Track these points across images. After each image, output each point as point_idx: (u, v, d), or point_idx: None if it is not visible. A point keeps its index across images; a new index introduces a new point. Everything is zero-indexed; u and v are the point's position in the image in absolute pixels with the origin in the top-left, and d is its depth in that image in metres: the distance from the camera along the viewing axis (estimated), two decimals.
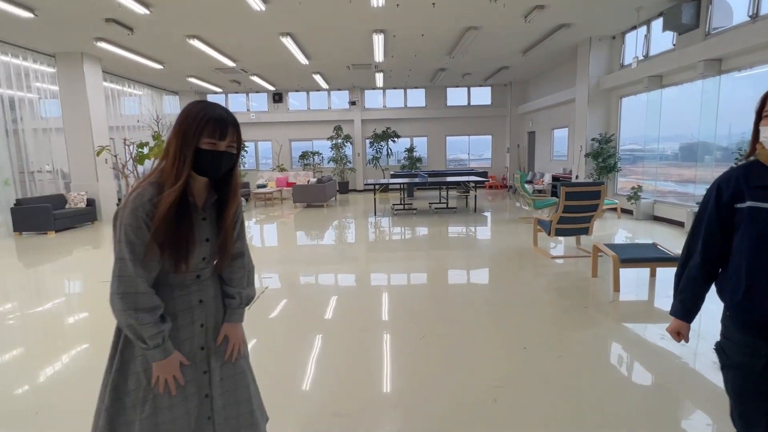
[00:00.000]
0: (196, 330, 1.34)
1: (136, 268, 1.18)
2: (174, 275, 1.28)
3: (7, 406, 2.43)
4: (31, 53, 8.69)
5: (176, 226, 1.21)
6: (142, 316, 1.18)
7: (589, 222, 5.35)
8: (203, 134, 1.19)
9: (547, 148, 13.21)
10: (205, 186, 1.31)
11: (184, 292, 1.31)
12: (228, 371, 1.40)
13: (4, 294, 4.66)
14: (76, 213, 8.71)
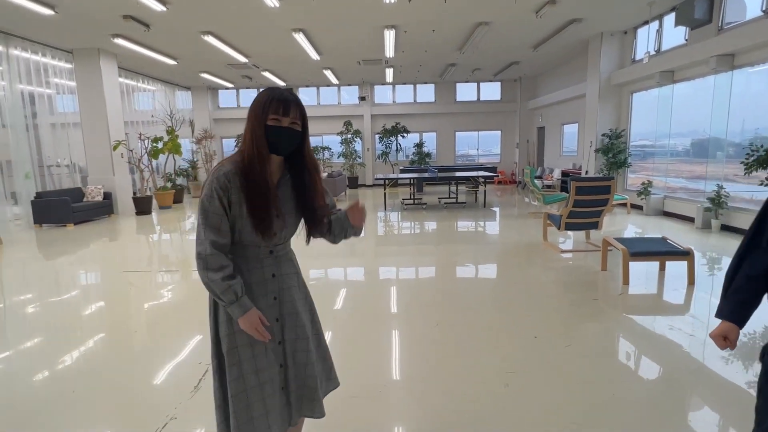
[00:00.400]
0: (270, 302, 1.45)
1: (206, 232, 1.32)
2: (251, 249, 1.41)
3: (47, 387, 2.59)
4: (49, 49, 8.87)
5: (254, 200, 1.33)
6: (211, 274, 1.31)
7: (599, 217, 5.40)
8: (269, 112, 1.33)
9: (557, 143, 13.20)
10: (279, 165, 1.44)
11: (258, 266, 1.42)
12: (301, 345, 1.48)
13: (27, 284, 4.85)
14: (94, 206, 8.92)
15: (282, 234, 1.44)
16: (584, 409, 2.19)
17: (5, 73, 8.07)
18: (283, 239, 1.46)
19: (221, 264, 1.33)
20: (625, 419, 2.11)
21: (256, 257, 1.42)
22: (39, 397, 2.45)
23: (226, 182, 1.33)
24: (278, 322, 1.46)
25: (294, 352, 1.48)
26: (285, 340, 1.48)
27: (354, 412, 2.23)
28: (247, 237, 1.38)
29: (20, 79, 8.38)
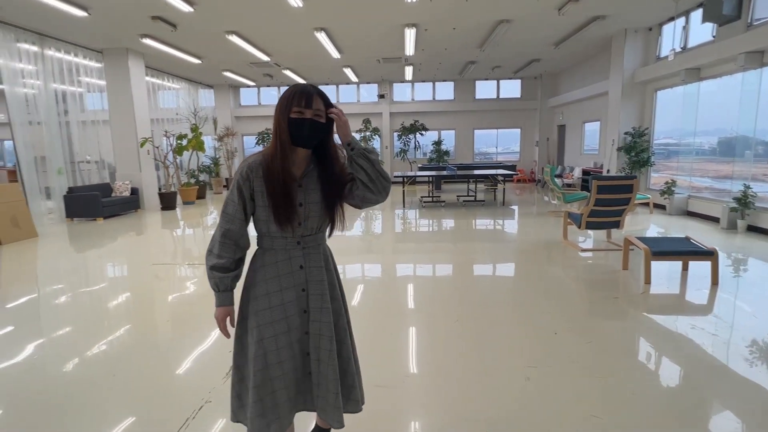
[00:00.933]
0: (298, 293, 1.49)
1: (222, 219, 1.43)
2: (279, 240, 1.46)
3: (87, 370, 2.74)
4: (81, 50, 9.19)
5: (277, 190, 1.39)
6: (207, 259, 1.44)
7: (621, 216, 5.36)
8: (292, 105, 1.38)
9: (578, 141, 13.05)
10: (305, 157, 1.47)
11: (286, 257, 1.47)
12: (324, 343, 1.50)
13: (62, 276, 5.08)
14: (122, 201, 9.22)
15: (307, 224, 1.46)
16: (603, 404, 2.23)
17: (40, 73, 8.40)
18: (309, 230, 1.48)
19: (221, 253, 1.42)
20: (643, 415, 2.14)
21: (284, 248, 1.47)
22: (85, 378, 2.60)
23: (249, 173, 1.40)
24: (305, 314, 1.51)
25: (318, 347, 1.51)
26: (310, 333, 1.51)
27: (378, 400, 2.32)
28: (273, 227, 1.43)
29: (53, 78, 8.71)
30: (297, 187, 1.44)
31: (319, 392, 1.53)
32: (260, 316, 1.44)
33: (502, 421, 2.11)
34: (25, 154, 8.09)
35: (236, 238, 1.43)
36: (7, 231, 6.66)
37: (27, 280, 4.86)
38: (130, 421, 2.17)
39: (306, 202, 1.44)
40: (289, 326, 1.47)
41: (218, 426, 2.11)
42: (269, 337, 1.44)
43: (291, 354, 1.47)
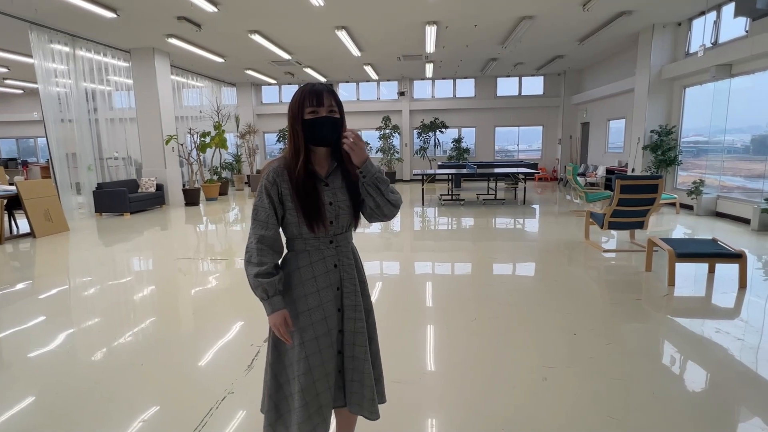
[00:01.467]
0: (334, 292, 1.49)
1: (254, 227, 1.42)
2: (311, 241, 1.45)
3: (115, 359, 2.86)
4: (110, 50, 9.48)
5: (303, 192, 1.39)
6: (249, 269, 1.41)
7: (645, 216, 5.25)
8: (305, 106, 1.37)
9: (602, 139, 12.78)
10: (326, 156, 1.46)
11: (320, 258, 1.46)
12: (359, 339, 1.52)
13: (92, 268, 5.27)
14: (148, 197, 9.48)
15: (338, 222, 1.46)
16: (622, 405, 2.21)
17: (71, 72, 8.70)
18: (341, 228, 1.48)
19: (261, 260, 1.40)
20: (663, 418, 2.11)
21: (317, 248, 1.46)
22: (113, 367, 2.71)
23: (275, 177, 1.40)
24: (339, 312, 1.51)
25: (353, 344, 1.52)
26: (344, 330, 1.52)
27: (395, 396, 2.34)
28: (305, 229, 1.42)
29: (84, 77, 9.01)
30: (324, 186, 1.44)
31: (353, 388, 1.53)
32: (300, 319, 1.44)
33: (518, 419, 2.11)
34: (57, 151, 8.41)
35: (271, 243, 1.42)
36: (41, 225, 6.94)
37: (59, 273, 5.06)
38: (155, 410, 2.25)
39: (335, 200, 1.44)
40: (329, 326, 1.47)
41: (240, 416, 2.17)
42: (310, 339, 1.44)
43: (332, 354, 1.48)
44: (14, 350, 3.02)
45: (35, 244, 6.41)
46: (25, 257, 5.79)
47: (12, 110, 17.18)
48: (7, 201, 6.81)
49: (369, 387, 1.52)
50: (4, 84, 14.28)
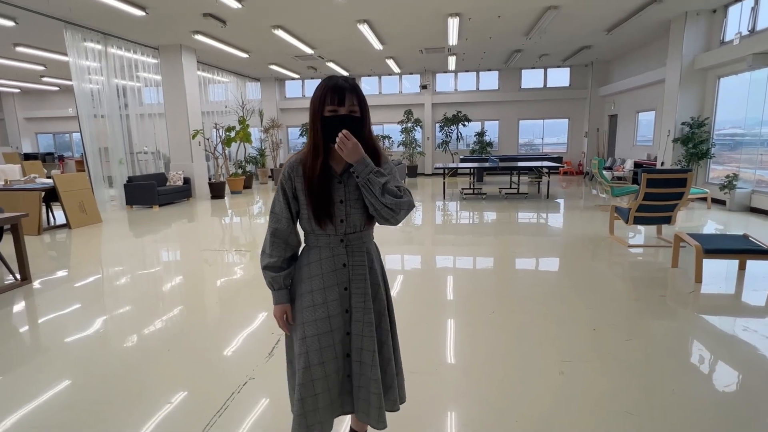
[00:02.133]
0: (341, 292, 1.47)
1: (270, 220, 1.47)
2: (323, 238, 1.44)
3: (148, 344, 2.99)
4: (139, 47, 9.76)
5: (314, 188, 1.39)
6: (262, 260, 1.48)
7: (673, 211, 5.10)
8: (325, 103, 1.35)
9: (630, 132, 12.42)
10: None
11: (329, 255, 1.45)
12: (367, 344, 1.48)
13: (123, 259, 5.48)
14: (175, 190, 9.77)
15: (350, 221, 1.43)
16: (640, 401, 2.18)
17: (103, 69, 9.01)
18: (353, 227, 1.44)
19: (272, 252, 1.46)
20: (684, 415, 2.08)
21: (328, 245, 1.45)
22: (143, 351, 2.85)
23: (290, 172, 1.41)
24: (347, 313, 1.48)
25: (360, 348, 1.48)
26: (352, 333, 1.49)
27: (411, 386, 2.38)
28: (316, 225, 1.42)
29: (115, 74, 9.32)
30: (337, 183, 1.42)
31: (360, 394, 1.51)
32: (304, 314, 1.45)
33: (533, 412, 2.12)
34: (91, 146, 8.75)
35: (285, 236, 1.45)
36: (76, 216, 7.25)
37: (93, 262, 5.29)
38: (181, 393, 2.36)
39: (347, 199, 1.41)
40: (332, 326, 1.45)
41: (261, 401, 2.25)
42: (312, 335, 1.43)
43: (333, 355, 1.46)
44: (52, 335, 3.19)
45: (71, 235, 6.70)
46: (62, 247, 6.07)
47: (49, 107, 17.91)
48: (45, 193, 7.14)
49: (376, 395, 1.47)
50: (42, 81, 14.89)
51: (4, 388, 2.46)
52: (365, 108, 1.39)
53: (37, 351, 2.95)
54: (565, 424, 2.02)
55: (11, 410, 2.23)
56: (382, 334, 1.54)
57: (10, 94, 17.80)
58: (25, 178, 8.23)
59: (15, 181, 8.07)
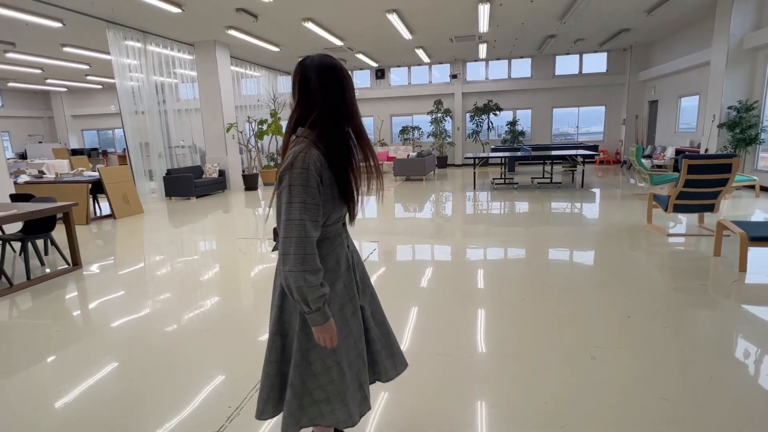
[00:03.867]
0: (352, 273, 1.49)
1: (304, 229, 1.21)
2: (332, 227, 1.38)
3: (188, 325, 3.15)
4: (176, 44, 10.09)
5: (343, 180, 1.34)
6: (310, 278, 1.20)
7: (716, 198, 4.88)
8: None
9: (672, 118, 11.87)
10: None
11: (339, 242, 1.42)
12: (374, 305, 1.60)
13: (163, 248, 5.74)
14: (211, 182, 10.10)
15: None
16: (675, 387, 2.13)
17: (143, 66, 9.38)
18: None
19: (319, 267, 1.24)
20: (722, 402, 2.01)
21: (338, 233, 1.42)
22: (185, 331, 3.00)
23: (319, 164, 1.25)
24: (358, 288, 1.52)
25: (372, 314, 1.58)
26: (363, 306, 1.55)
27: (440, 366, 2.42)
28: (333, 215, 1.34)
29: (154, 71, 9.68)
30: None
31: (382, 354, 1.59)
32: (331, 307, 1.39)
33: (563, 394, 2.11)
34: (132, 140, 9.15)
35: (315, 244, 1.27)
36: (121, 207, 7.63)
37: (137, 250, 5.57)
38: (221, 379, 2.48)
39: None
40: (354, 307, 1.47)
41: None
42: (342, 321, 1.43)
43: (361, 332, 1.51)
44: (101, 317, 3.40)
45: (115, 225, 7.07)
46: (108, 236, 6.41)
47: (93, 104, 18.80)
48: (91, 186, 7.53)
49: (395, 343, 1.65)
50: (86, 80, 15.64)
51: (61, 363, 2.66)
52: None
53: (88, 330, 3.15)
54: (596, 407, 2.01)
55: (67, 383, 2.41)
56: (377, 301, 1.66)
57: (59, 93, 18.78)
58: (73, 171, 8.72)
59: (64, 174, 8.56)
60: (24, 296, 3.87)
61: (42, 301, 3.73)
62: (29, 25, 8.25)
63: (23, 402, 2.25)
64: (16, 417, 2.12)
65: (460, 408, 2.06)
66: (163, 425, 2.00)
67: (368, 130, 17.04)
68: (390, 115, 16.41)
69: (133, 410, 2.14)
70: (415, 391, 2.19)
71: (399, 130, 16.17)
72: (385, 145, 15.24)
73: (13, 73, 13.70)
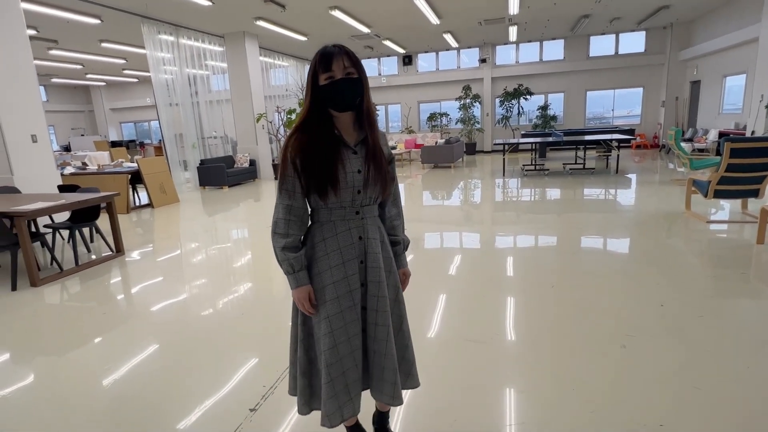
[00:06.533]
0: (357, 266, 1.41)
1: (281, 196, 1.36)
2: (337, 211, 1.38)
3: (224, 310, 3.29)
4: (207, 36, 10.30)
5: (320, 159, 1.31)
6: (275, 240, 1.36)
7: (761, 183, 4.64)
8: (319, 72, 1.29)
9: (716, 99, 11.27)
10: (352, 123, 1.39)
11: (345, 229, 1.39)
12: (382, 319, 1.43)
13: (198, 235, 5.96)
14: (242, 171, 10.35)
15: (367, 193, 1.38)
16: (711, 377, 2.08)
17: (176, 59, 9.64)
18: (368, 199, 1.40)
19: (288, 231, 1.35)
20: (756, 391, 1.96)
21: (343, 218, 1.39)
22: (221, 314, 3.14)
23: (297, 145, 1.32)
24: (363, 287, 1.44)
25: (375, 324, 1.43)
26: (367, 308, 1.45)
27: (468, 353, 2.44)
28: (332, 198, 1.34)
29: (186, 64, 9.94)
30: (352, 154, 1.37)
31: (374, 371, 1.47)
32: (325, 292, 1.39)
33: (591, 380, 2.10)
34: (167, 132, 9.47)
35: (300, 213, 1.37)
36: (158, 197, 7.95)
37: (174, 239, 5.81)
38: (254, 362, 2.59)
39: (364, 169, 1.37)
40: (354, 300, 1.41)
41: None
42: (335, 313, 1.38)
43: (357, 330, 1.43)
44: (143, 301, 3.60)
45: (153, 214, 7.38)
46: (146, 225, 6.70)
47: (130, 97, 19.50)
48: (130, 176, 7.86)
49: (390, 370, 1.43)
50: (123, 74, 16.21)
51: (106, 344, 2.84)
52: (361, 69, 1.33)
53: (132, 313, 3.34)
54: (624, 393, 1.99)
55: (114, 362, 2.58)
56: (401, 308, 1.51)
57: (98, 88, 19.56)
58: (114, 163, 9.12)
59: (105, 165, 8.97)
60: (73, 281, 4.13)
61: (90, 285, 3.97)
62: (70, 22, 8.61)
63: (73, 379, 2.42)
64: (67, 393, 2.29)
65: (488, 393, 2.09)
66: (204, 402, 2.12)
67: (395, 117, 16.98)
68: (418, 102, 16.28)
69: (174, 389, 2.27)
70: (437, 378, 2.23)
71: (427, 117, 16.04)
72: (412, 133, 15.16)
73: (56, 70, 14.36)
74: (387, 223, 1.54)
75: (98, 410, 2.11)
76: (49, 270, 4.42)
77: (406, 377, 1.52)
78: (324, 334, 1.39)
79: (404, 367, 1.51)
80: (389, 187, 1.45)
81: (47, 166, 5.63)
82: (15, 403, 2.22)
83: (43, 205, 4.06)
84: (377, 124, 1.44)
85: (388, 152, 1.47)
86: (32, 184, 5.42)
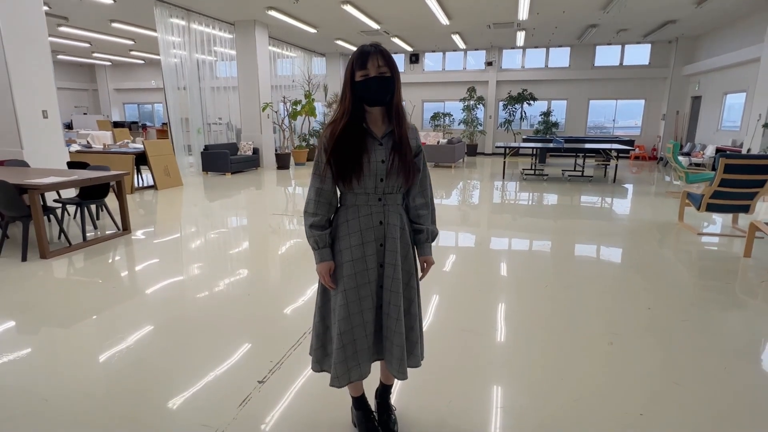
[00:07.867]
0: (377, 248, 1.56)
1: (312, 179, 1.54)
2: (361, 197, 1.52)
3: (229, 290, 3.41)
4: (217, 22, 10.35)
5: (347, 148, 1.47)
6: (305, 219, 1.55)
7: (752, 199, 4.80)
8: (356, 69, 1.44)
9: (715, 115, 11.45)
10: (382, 116, 1.53)
11: (367, 213, 1.54)
12: (394, 299, 1.56)
13: (198, 220, 6.06)
14: (246, 159, 10.43)
15: (389, 182, 1.51)
16: (690, 375, 2.23)
17: (186, 44, 9.69)
18: (391, 188, 1.53)
19: (316, 211, 1.52)
20: (735, 390, 2.10)
21: (366, 203, 1.54)
22: (229, 295, 3.26)
23: (330, 134, 1.49)
24: (381, 268, 1.58)
25: (389, 302, 1.57)
26: (384, 287, 1.59)
27: (463, 342, 2.58)
28: (357, 184, 1.49)
29: (196, 49, 9.99)
30: (378, 145, 1.50)
31: (386, 345, 1.62)
32: (344, 268, 1.54)
33: (578, 372, 2.24)
34: (174, 115, 9.53)
35: (329, 197, 1.53)
36: (162, 179, 8.03)
37: (175, 221, 5.91)
38: (260, 339, 2.71)
39: (389, 160, 1.49)
40: (369, 278, 1.55)
41: None
42: (351, 288, 1.54)
43: (370, 305, 1.57)
44: (150, 278, 3.71)
45: (157, 196, 7.46)
46: (149, 206, 6.79)
47: (135, 79, 19.47)
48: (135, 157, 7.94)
49: (398, 347, 1.57)
50: (130, 55, 16.20)
51: (109, 319, 2.96)
52: (394, 68, 1.46)
53: (140, 289, 3.45)
54: (608, 385, 2.13)
55: (124, 334, 2.70)
56: (411, 292, 1.63)
57: (103, 67, 19.52)
58: (119, 143, 9.18)
59: (110, 145, 9.03)
60: (81, 255, 4.23)
61: (96, 261, 4.08)
62: (83, 1, 8.65)
63: (80, 350, 2.54)
64: (69, 364, 2.41)
65: (479, 380, 2.23)
66: (211, 374, 2.24)
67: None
68: (422, 101, 16.38)
69: (184, 360, 2.39)
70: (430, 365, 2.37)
71: (430, 116, 16.15)
72: None
73: (63, 46, 14.34)
74: (412, 212, 1.64)
75: (113, 378, 2.23)
76: (57, 244, 4.52)
77: (408, 355, 1.64)
78: (339, 306, 1.55)
79: (407, 346, 1.63)
80: (413, 177, 1.55)
81: (57, 142, 5.71)
82: (12, 369, 2.33)
83: (57, 179, 4.16)
84: (406, 118, 1.56)
85: (416, 145, 1.58)
86: (41, 159, 5.50)
